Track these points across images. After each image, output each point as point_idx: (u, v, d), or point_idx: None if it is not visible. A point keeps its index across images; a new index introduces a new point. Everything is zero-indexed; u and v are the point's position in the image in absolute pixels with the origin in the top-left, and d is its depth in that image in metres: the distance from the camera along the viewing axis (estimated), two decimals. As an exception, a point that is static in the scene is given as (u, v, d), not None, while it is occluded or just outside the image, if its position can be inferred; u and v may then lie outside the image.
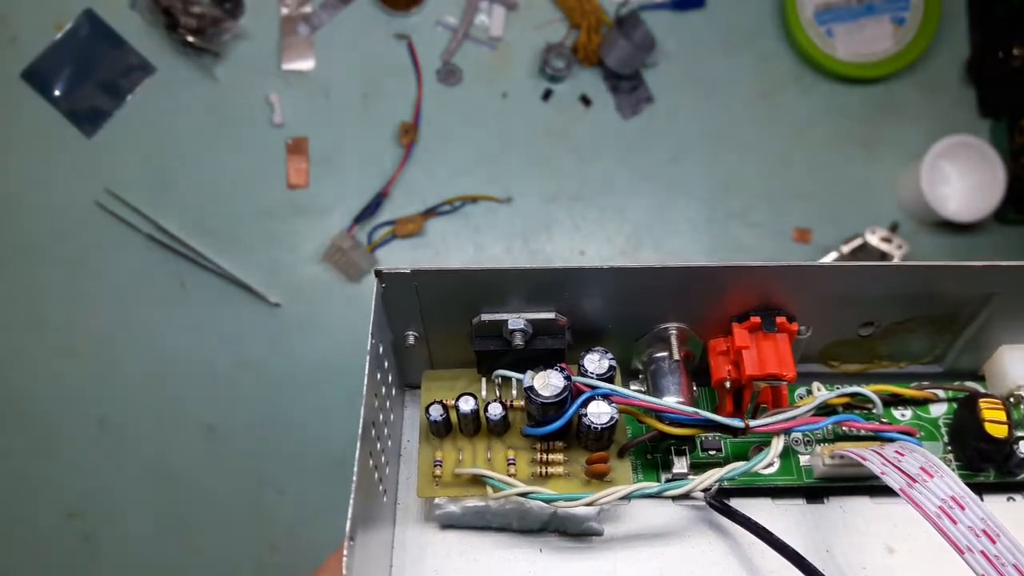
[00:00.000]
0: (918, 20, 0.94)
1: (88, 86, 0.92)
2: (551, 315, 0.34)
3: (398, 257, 0.90)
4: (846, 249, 0.89)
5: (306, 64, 0.94)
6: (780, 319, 0.34)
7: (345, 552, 0.26)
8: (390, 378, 0.35)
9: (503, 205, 0.91)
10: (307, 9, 0.94)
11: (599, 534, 0.36)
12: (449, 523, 0.36)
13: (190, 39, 0.91)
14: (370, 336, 0.31)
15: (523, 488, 0.32)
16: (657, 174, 0.93)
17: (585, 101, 0.94)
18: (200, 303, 0.88)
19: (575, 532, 0.36)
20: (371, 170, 0.91)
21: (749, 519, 0.33)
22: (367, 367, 0.31)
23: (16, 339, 0.88)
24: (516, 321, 0.34)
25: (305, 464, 0.85)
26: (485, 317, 0.34)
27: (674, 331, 0.36)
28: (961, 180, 0.91)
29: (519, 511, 0.34)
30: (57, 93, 0.92)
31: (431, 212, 0.90)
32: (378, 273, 0.32)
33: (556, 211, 0.92)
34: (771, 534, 0.32)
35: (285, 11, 0.94)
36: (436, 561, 0.35)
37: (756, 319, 0.34)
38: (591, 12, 0.93)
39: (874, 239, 0.89)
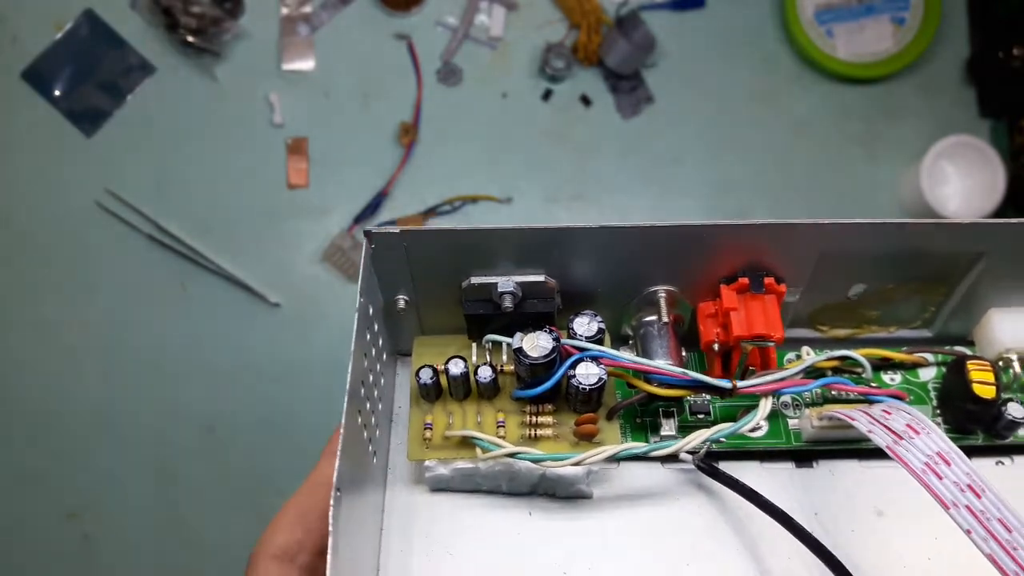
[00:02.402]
0: (918, 20, 0.94)
1: (88, 86, 0.92)
2: (540, 278, 0.34)
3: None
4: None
5: (306, 64, 0.94)
6: (768, 280, 0.34)
7: (332, 504, 0.26)
8: (380, 342, 0.35)
9: (503, 205, 0.91)
10: (307, 9, 0.94)
11: (588, 496, 0.36)
12: (439, 486, 0.36)
13: (190, 39, 0.91)
14: (358, 295, 0.31)
15: (511, 448, 0.33)
16: (657, 174, 0.93)
17: (585, 101, 0.94)
18: (200, 303, 0.88)
19: (564, 495, 0.36)
20: (371, 170, 0.91)
21: (737, 481, 0.33)
22: (355, 326, 0.30)
23: (16, 339, 0.88)
24: (505, 284, 0.34)
25: (305, 464, 0.85)
26: (474, 280, 0.34)
27: (663, 294, 0.36)
28: (961, 180, 0.91)
29: (508, 473, 0.35)
30: (57, 93, 0.92)
31: (431, 212, 0.90)
32: (367, 233, 0.32)
33: (556, 211, 0.92)
34: (759, 496, 0.33)
35: (285, 11, 0.94)
36: (426, 523, 0.35)
37: (744, 280, 0.34)
38: (591, 12, 0.93)
39: (874, 239, 0.88)
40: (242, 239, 0.90)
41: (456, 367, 0.34)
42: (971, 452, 0.37)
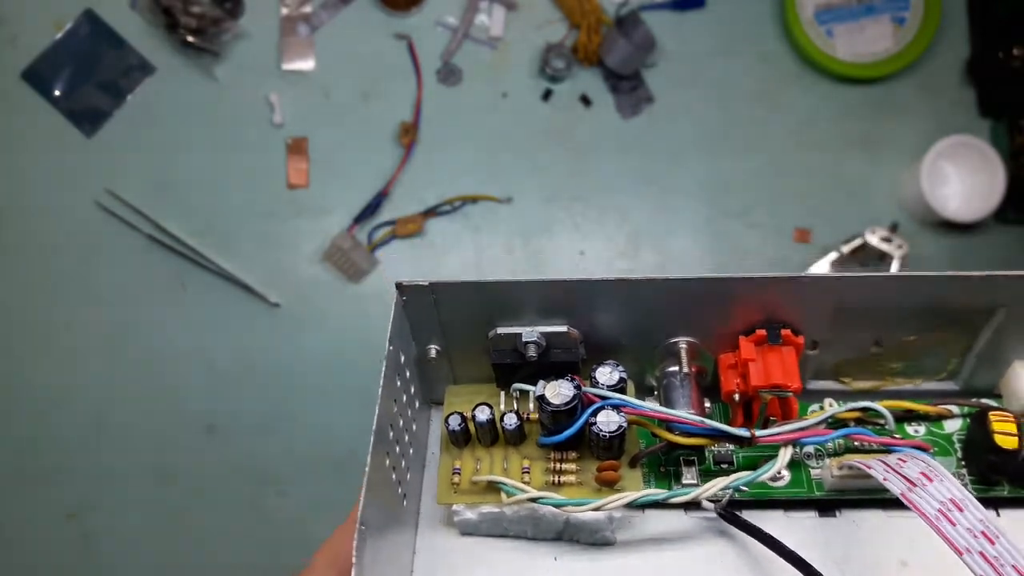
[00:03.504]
0: (918, 20, 0.94)
1: (88, 86, 0.92)
2: (563, 328, 0.35)
3: (398, 257, 0.90)
4: (846, 249, 0.89)
5: (306, 64, 0.94)
6: (785, 332, 0.35)
7: (356, 538, 0.27)
8: (412, 389, 0.37)
9: (503, 205, 0.91)
10: (307, 9, 0.94)
11: (612, 543, 0.36)
12: (468, 530, 0.37)
13: (190, 39, 0.91)
14: (387, 343, 0.32)
15: (534, 493, 0.33)
16: (657, 174, 0.93)
17: (585, 101, 0.94)
18: (200, 303, 0.89)
19: (588, 541, 0.36)
20: (371, 170, 0.91)
21: (759, 530, 0.34)
22: (382, 372, 0.32)
23: (16, 339, 0.88)
24: (530, 334, 0.35)
25: (305, 464, 0.85)
26: (500, 330, 0.35)
27: (683, 345, 0.37)
28: (961, 180, 0.91)
29: (533, 518, 0.35)
30: (57, 93, 0.92)
31: (431, 212, 0.91)
32: (399, 286, 0.33)
33: (556, 211, 0.92)
34: (782, 545, 0.33)
35: (285, 11, 0.94)
36: (454, 566, 0.36)
37: (762, 332, 0.35)
38: (591, 12, 0.93)
39: (874, 239, 0.89)
40: (242, 239, 0.90)
41: (483, 414, 0.35)
42: (998, 503, 0.37)
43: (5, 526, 0.85)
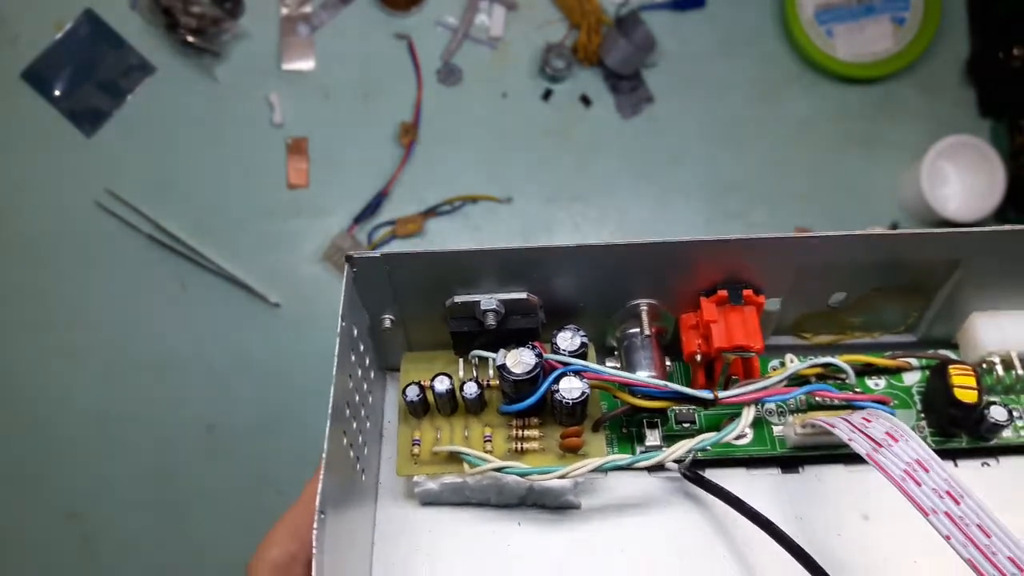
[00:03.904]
0: (918, 20, 0.94)
1: (88, 86, 0.92)
2: (523, 295, 0.35)
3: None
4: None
5: (306, 64, 0.94)
6: (747, 292, 0.35)
7: (315, 527, 0.27)
8: (367, 361, 0.36)
9: (503, 205, 0.91)
10: (307, 9, 0.94)
11: (576, 507, 0.36)
12: (429, 500, 0.36)
13: (190, 39, 0.91)
14: (340, 318, 0.32)
15: (498, 463, 0.33)
16: (657, 174, 0.93)
17: (585, 101, 0.94)
18: (200, 303, 0.88)
19: (553, 505, 0.36)
20: (371, 170, 0.91)
21: (723, 489, 0.34)
22: (337, 348, 0.31)
23: (16, 339, 0.88)
24: (488, 301, 0.34)
25: (305, 464, 0.85)
26: (457, 299, 0.34)
27: (644, 307, 0.36)
28: (961, 180, 0.91)
29: (496, 486, 0.35)
30: (57, 93, 0.92)
31: (431, 212, 0.91)
32: (348, 258, 0.33)
33: (556, 211, 0.92)
34: (744, 503, 0.33)
35: (285, 11, 0.94)
36: (416, 536, 0.36)
37: (723, 292, 0.35)
38: (591, 12, 0.93)
39: (874, 239, 0.89)
40: (242, 239, 0.90)
41: (442, 384, 0.34)
42: (956, 455, 0.37)
43: (5, 526, 0.85)
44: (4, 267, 0.89)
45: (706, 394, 0.33)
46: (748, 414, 0.34)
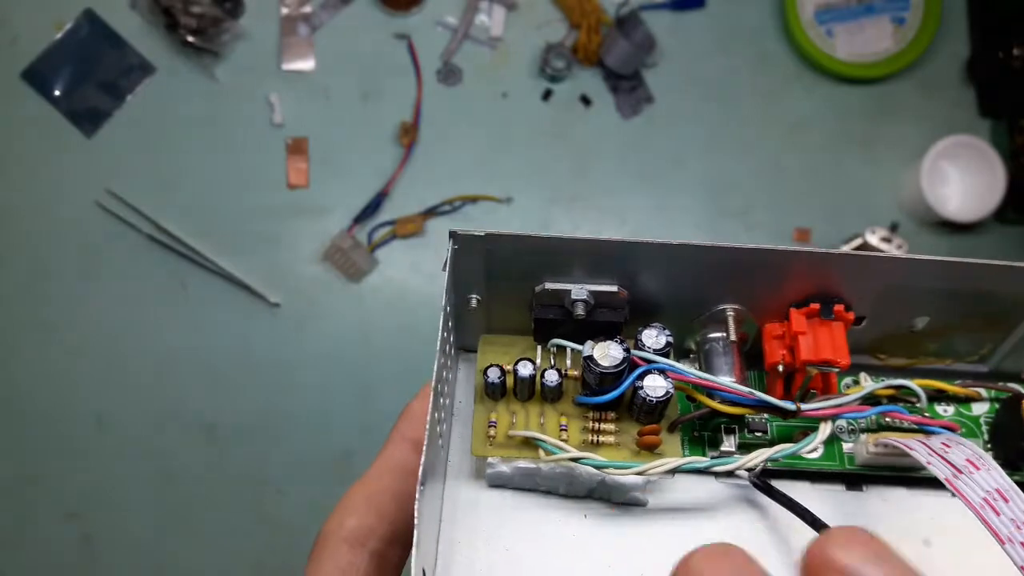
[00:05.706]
0: (918, 20, 0.94)
1: (88, 86, 0.92)
2: (613, 288, 0.35)
3: (398, 257, 0.90)
4: (846, 249, 0.89)
5: (306, 64, 0.94)
6: (838, 307, 0.35)
7: (417, 498, 0.27)
8: (452, 339, 0.36)
9: (503, 205, 0.91)
10: (307, 9, 0.94)
11: (643, 504, 0.36)
12: (498, 483, 0.36)
13: (190, 39, 0.91)
14: (444, 294, 0.32)
15: (575, 453, 0.33)
16: (657, 174, 0.93)
17: (585, 101, 0.94)
18: (200, 303, 0.89)
19: (619, 501, 0.36)
20: (371, 170, 0.91)
21: (792, 500, 0.33)
22: (440, 327, 0.32)
23: (16, 339, 0.88)
24: (579, 291, 0.34)
25: (305, 464, 0.85)
26: (548, 286, 0.35)
27: (731, 313, 0.36)
28: (961, 180, 0.91)
29: (568, 476, 0.35)
30: (57, 93, 0.92)
31: (431, 212, 0.91)
32: (452, 234, 0.33)
33: (556, 211, 0.92)
34: (813, 516, 0.33)
35: (285, 11, 0.94)
36: (480, 518, 0.36)
37: (815, 305, 0.35)
38: (591, 12, 0.93)
39: (874, 239, 0.89)
40: (242, 239, 0.90)
41: (525, 369, 0.34)
42: (1021, 488, 0.38)
43: (5, 526, 0.85)
44: (4, 267, 0.89)
45: (789, 405, 0.33)
46: (825, 429, 0.34)
